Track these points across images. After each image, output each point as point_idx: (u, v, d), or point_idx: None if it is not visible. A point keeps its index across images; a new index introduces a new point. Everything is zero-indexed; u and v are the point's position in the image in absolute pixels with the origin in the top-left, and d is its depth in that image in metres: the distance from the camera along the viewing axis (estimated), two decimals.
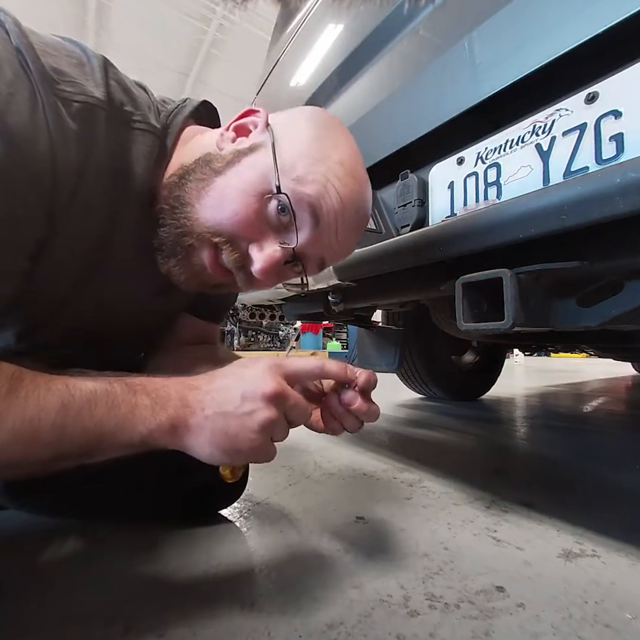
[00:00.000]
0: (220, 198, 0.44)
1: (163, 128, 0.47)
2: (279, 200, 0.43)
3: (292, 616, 0.43)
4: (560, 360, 8.34)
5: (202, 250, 0.45)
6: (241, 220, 0.43)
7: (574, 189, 0.42)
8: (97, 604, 0.45)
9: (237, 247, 0.45)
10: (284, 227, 0.45)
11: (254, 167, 0.44)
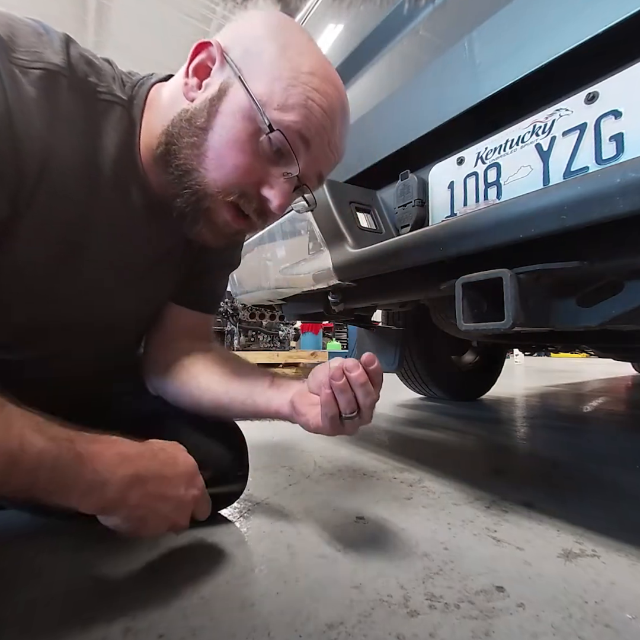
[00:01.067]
0: (219, 157, 0.45)
1: (129, 99, 0.48)
2: (273, 137, 0.44)
3: (292, 616, 0.43)
4: (560, 360, 8.34)
5: (221, 209, 0.47)
6: (245, 171, 0.45)
7: (574, 189, 0.42)
8: (97, 604, 0.45)
9: (251, 196, 0.47)
10: (282, 158, 0.46)
11: (235, 112, 0.44)
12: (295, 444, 1.18)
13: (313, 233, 0.83)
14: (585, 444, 1.28)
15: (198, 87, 0.46)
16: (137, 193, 0.50)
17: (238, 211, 0.48)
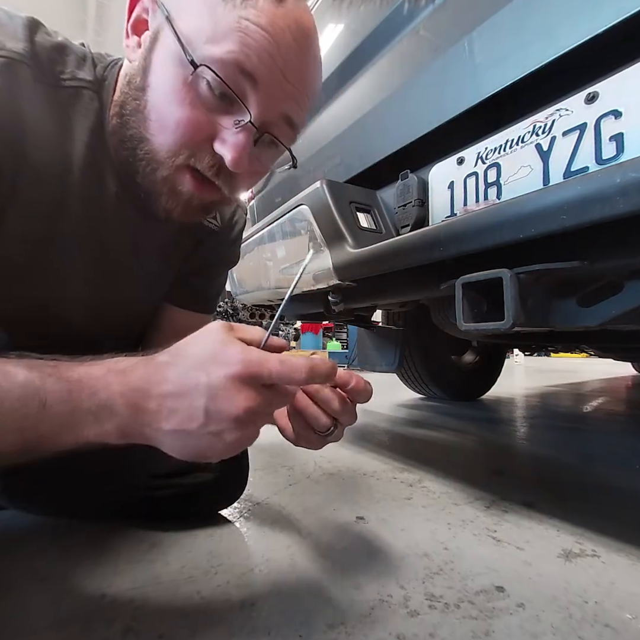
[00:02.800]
0: (159, 115, 0.40)
1: (99, 80, 0.44)
2: (204, 77, 0.37)
3: (292, 616, 0.43)
4: (560, 360, 8.33)
5: (179, 176, 0.42)
6: (189, 126, 0.39)
7: (574, 189, 0.42)
8: (97, 604, 0.45)
9: (203, 153, 0.41)
10: (230, 104, 0.39)
11: (164, 60, 0.39)
12: None
13: (313, 233, 0.83)
14: (585, 444, 1.28)
15: (138, 45, 0.41)
16: (111, 180, 0.46)
17: (198, 176, 0.42)
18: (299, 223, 0.89)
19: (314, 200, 0.82)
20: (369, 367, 1.75)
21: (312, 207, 0.83)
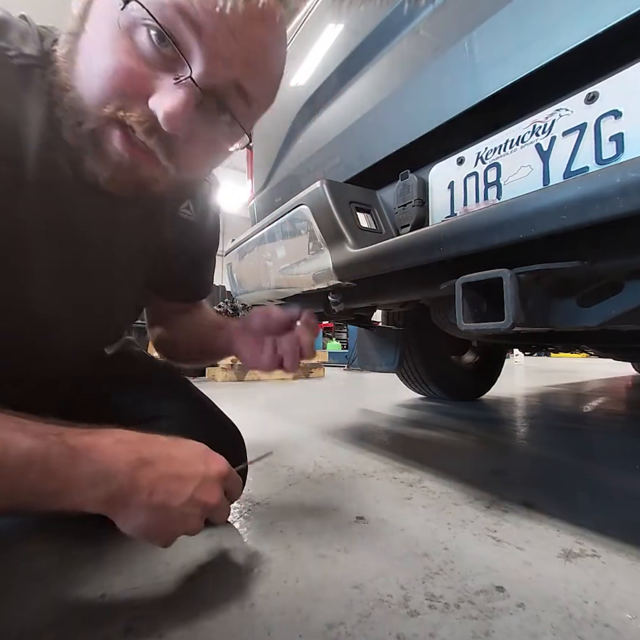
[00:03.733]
0: (89, 60, 0.36)
1: (46, 54, 0.40)
2: (145, 24, 0.33)
3: (292, 616, 0.43)
4: (560, 360, 8.33)
5: (107, 133, 0.38)
6: (117, 72, 0.35)
7: (574, 189, 0.42)
8: (97, 604, 0.45)
9: (134, 108, 0.36)
10: (172, 60, 0.35)
11: (103, 4, 0.35)
12: (295, 444, 1.18)
13: (313, 233, 0.83)
14: (585, 444, 1.28)
15: None
16: (65, 162, 0.42)
17: (129, 134, 0.37)
18: (299, 223, 0.89)
19: (314, 200, 0.82)
20: (369, 367, 1.75)
21: (312, 207, 0.83)
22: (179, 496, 0.39)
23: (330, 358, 5.50)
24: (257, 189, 1.37)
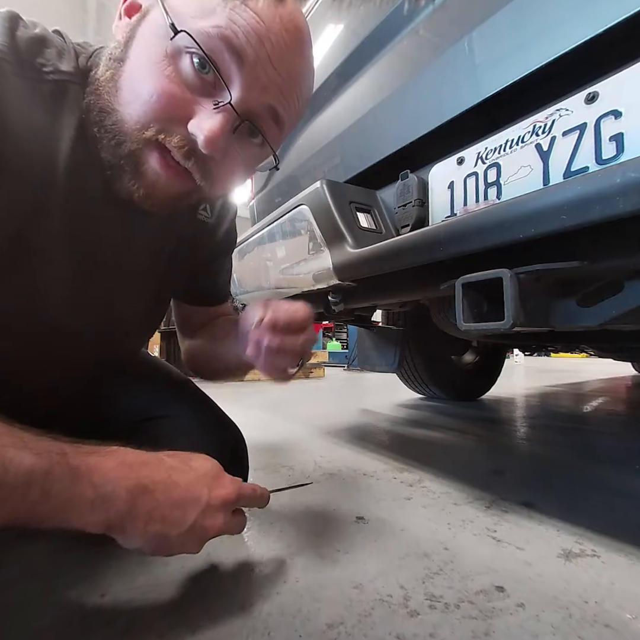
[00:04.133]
0: (133, 85, 0.38)
1: (82, 71, 0.42)
2: (189, 52, 0.36)
3: (292, 616, 0.43)
4: (560, 360, 8.33)
5: (146, 153, 0.39)
6: (161, 98, 0.37)
7: (574, 189, 0.42)
8: (97, 604, 0.45)
9: (174, 131, 0.38)
10: (212, 86, 0.38)
11: (149, 32, 0.37)
12: (295, 444, 1.18)
13: (313, 233, 0.83)
14: (586, 444, 1.28)
15: (127, 26, 0.40)
16: (96, 177, 0.43)
17: (167, 156, 0.39)
18: (299, 223, 0.89)
19: (314, 200, 0.82)
20: (369, 367, 1.75)
21: (312, 207, 0.83)
22: (178, 525, 0.38)
23: (330, 358, 5.50)
24: (257, 189, 1.37)
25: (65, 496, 0.33)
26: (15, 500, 0.31)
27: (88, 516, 0.34)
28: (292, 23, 0.39)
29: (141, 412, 0.64)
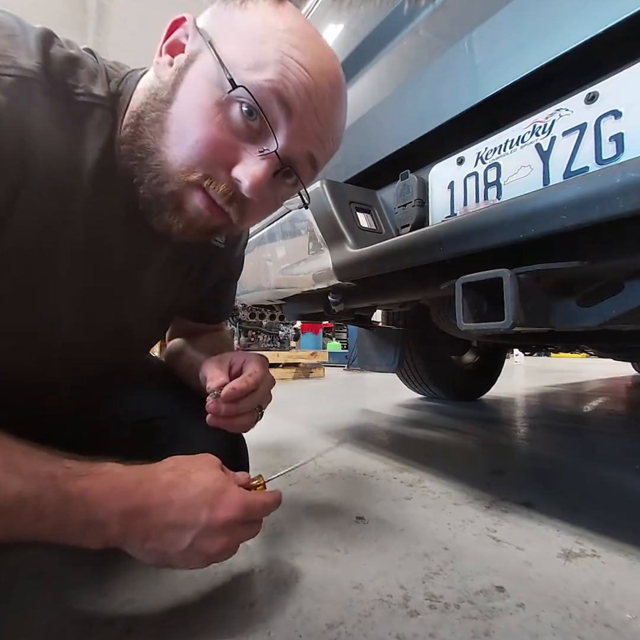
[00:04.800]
0: (180, 129, 0.39)
1: (113, 96, 0.42)
2: (240, 101, 0.37)
3: (292, 616, 0.43)
4: (560, 360, 8.33)
5: (188, 193, 0.41)
6: (209, 144, 0.38)
7: (574, 189, 0.42)
8: (97, 605, 0.45)
9: (219, 177, 0.40)
10: (257, 132, 0.39)
11: (199, 78, 0.38)
12: (295, 444, 1.18)
13: (313, 233, 0.83)
14: (585, 444, 1.28)
15: (170, 64, 0.41)
16: (120, 202, 0.44)
17: (209, 198, 0.41)
18: (299, 223, 0.89)
19: (314, 200, 0.82)
20: (369, 367, 1.75)
21: (312, 207, 0.83)
22: (175, 546, 0.37)
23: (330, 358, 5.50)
24: None
25: (58, 521, 0.33)
26: (9, 522, 0.31)
27: (87, 537, 0.35)
28: (336, 78, 0.43)
29: (142, 413, 0.64)
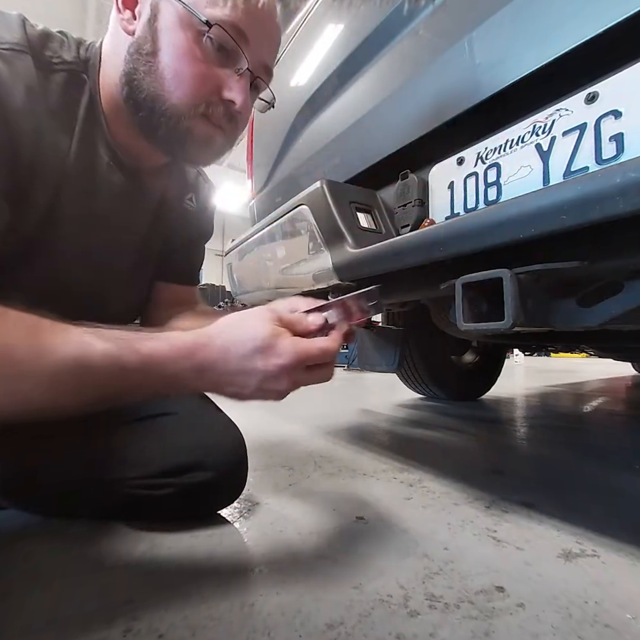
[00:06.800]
0: (175, 74, 0.47)
1: (84, 61, 0.51)
2: (214, 35, 0.46)
3: (292, 616, 0.43)
4: (560, 360, 8.33)
5: (199, 125, 0.50)
6: (203, 79, 0.47)
7: (574, 189, 0.42)
8: (97, 604, 0.45)
9: (216, 102, 0.50)
10: (229, 57, 0.48)
11: (173, 24, 0.46)
12: (295, 444, 1.18)
13: (313, 233, 0.83)
14: (586, 444, 1.28)
15: (133, 17, 0.48)
16: (103, 151, 0.53)
17: (213, 122, 0.51)
18: (299, 223, 0.89)
19: (314, 200, 0.82)
20: (369, 367, 1.75)
21: (312, 207, 0.83)
22: (246, 387, 0.41)
23: None
24: (257, 189, 1.37)
25: (139, 376, 0.39)
26: (97, 379, 0.37)
27: (168, 391, 0.42)
28: (271, 3, 0.52)
29: (144, 409, 0.65)
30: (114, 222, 0.59)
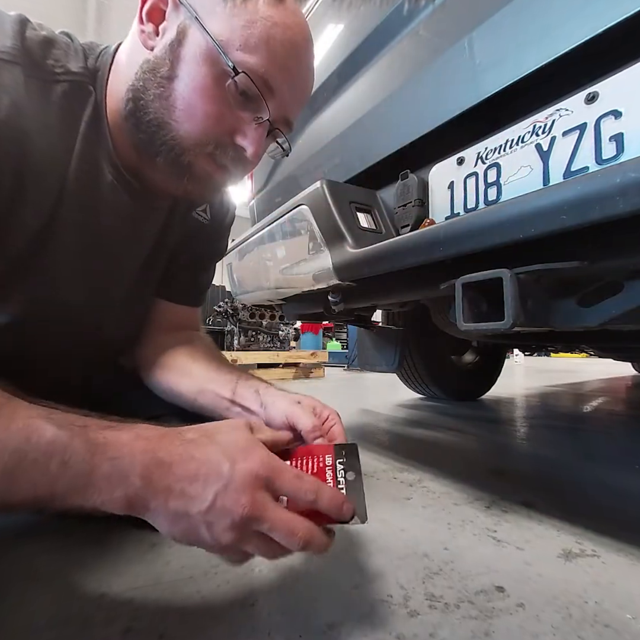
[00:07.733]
0: (188, 106, 0.44)
1: (92, 71, 0.47)
2: (239, 81, 0.43)
3: (292, 616, 0.43)
4: (560, 360, 8.33)
5: (201, 162, 0.47)
6: (217, 120, 0.45)
7: (574, 189, 0.42)
8: (97, 604, 0.45)
9: (226, 145, 0.47)
10: (250, 102, 0.45)
11: (197, 57, 0.42)
12: None
13: (313, 233, 0.83)
14: (586, 444, 1.28)
15: (155, 33, 0.44)
16: (107, 168, 0.50)
17: (217, 162, 0.48)
18: (299, 223, 0.89)
19: (314, 200, 0.82)
20: (369, 367, 1.75)
21: (312, 207, 0.83)
22: (198, 501, 0.33)
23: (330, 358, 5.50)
24: (257, 189, 1.37)
25: (83, 470, 0.32)
26: (36, 473, 0.31)
27: (106, 493, 0.32)
28: (309, 42, 0.48)
29: (146, 411, 0.65)
30: (116, 246, 0.55)
